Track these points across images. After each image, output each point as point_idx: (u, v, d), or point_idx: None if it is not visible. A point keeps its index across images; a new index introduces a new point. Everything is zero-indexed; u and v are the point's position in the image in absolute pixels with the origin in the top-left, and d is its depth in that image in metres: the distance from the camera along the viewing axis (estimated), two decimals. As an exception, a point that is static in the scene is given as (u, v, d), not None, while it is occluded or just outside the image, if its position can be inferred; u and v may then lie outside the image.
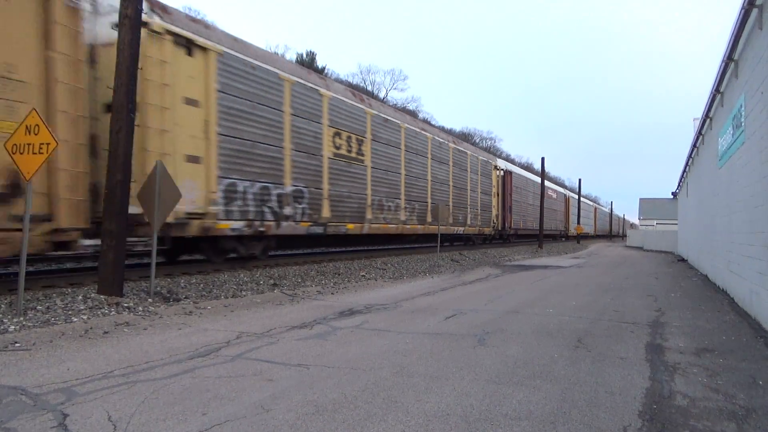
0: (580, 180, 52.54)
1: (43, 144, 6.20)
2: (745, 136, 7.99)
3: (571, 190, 65.06)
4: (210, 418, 3.30)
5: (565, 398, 3.76)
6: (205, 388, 3.88)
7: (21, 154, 6.25)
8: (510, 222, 32.33)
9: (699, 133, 15.05)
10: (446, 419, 3.33)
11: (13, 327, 5.57)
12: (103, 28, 9.38)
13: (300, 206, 13.59)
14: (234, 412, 3.40)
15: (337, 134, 15.28)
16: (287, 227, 13.04)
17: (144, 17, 9.10)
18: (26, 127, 6.27)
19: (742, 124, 8.22)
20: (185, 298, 8.01)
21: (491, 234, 29.67)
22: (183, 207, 10.09)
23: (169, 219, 9.74)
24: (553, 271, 15.15)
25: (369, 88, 74.24)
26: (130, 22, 7.47)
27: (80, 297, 7.15)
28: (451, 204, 23.48)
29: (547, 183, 39.25)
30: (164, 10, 10.27)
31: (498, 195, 30.58)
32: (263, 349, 5.13)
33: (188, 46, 10.55)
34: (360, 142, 16.47)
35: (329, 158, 14.84)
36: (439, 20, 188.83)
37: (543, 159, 37.70)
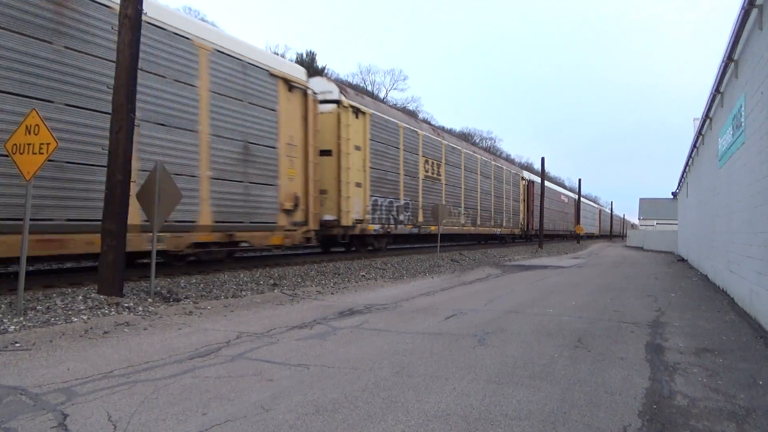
0: (579, 180, 52.62)
1: (43, 144, 6.19)
2: (745, 136, 7.99)
3: (571, 190, 65.97)
4: (210, 418, 3.30)
5: (564, 398, 3.76)
6: (205, 388, 3.88)
7: (21, 154, 6.24)
8: (532, 224, 38.62)
9: (699, 133, 15.05)
10: (446, 419, 3.33)
11: (13, 327, 5.57)
12: (315, 104, 14.55)
13: (407, 214, 19.77)
14: (234, 412, 3.41)
15: (426, 161, 21.59)
16: (400, 228, 19.25)
17: (339, 97, 15.74)
18: (26, 127, 6.25)
19: (742, 124, 8.22)
20: (185, 298, 8.01)
21: (519, 234, 36.04)
22: (353, 216, 16.10)
23: (346, 222, 15.69)
24: (553, 271, 15.15)
25: (369, 88, 74.23)
26: (130, 23, 7.47)
27: (80, 297, 7.14)
28: (492, 210, 29.90)
29: (559, 189, 48.23)
30: (346, 91, 16.64)
31: (524, 201, 37.17)
32: (263, 349, 5.13)
33: (356, 112, 16.55)
34: (438, 166, 22.70)
35: (422, 179, 21.18)
36: (438, 20, 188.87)
37: (543, 159, 37.74)
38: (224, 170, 11.27)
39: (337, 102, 15.67)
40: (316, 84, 15.09)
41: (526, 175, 39.53)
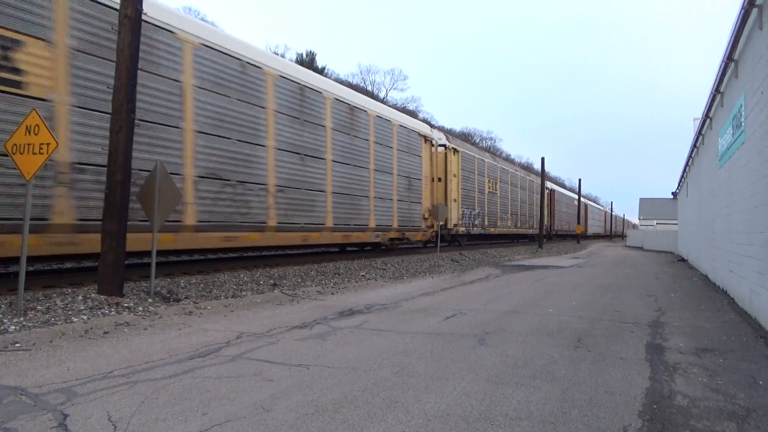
0: (580, 180, 52.66)
1: (43, 144, 6.19)
2: (745, 136, 7.99)
3: (571, 189, 66.60)
4: (210, 418, 3.30)
5: (565, 398, 3.76)
6: (205, 388, 3.88)
7: (21, 154, 6.24)
8: (553, 225, 46.18)
9: (699, 133, 15.05)
10: (446, 419, 3.33)
11: (13, 327, 5.57)
12: (433, 146, 21.72)
13: (479, 219, 27.37)
14: (234, 412, 3.41)
15: (488, 180, 29.29)
16: (475, 230, 26.81)
17: (446, 142, 23.14)
18: (26, 127, 6.25)
19: (742, 124, 8.22)
20: (185, 298, 8.01)
21: (544, 234, 43.09)
22: (453, 222, 23.45)
23: (449, 226, 23.10)
24: (553, 271, 15.15)
25: (369, 88, 74.24)
26: (130, 23, 7.47)
27: (80, 297, 7.14)
28: (527, 215, 38.08)
29: (570, 194, 57.29)
30: (450, 138, 24.68)
31: (547, 206, 43.72)
32: (263, 349, 5.13)
33: (455, 151, 23.98)
34: (494, 183, 30.46)
35: (486, 194, 28.84)
36: (439, 20, 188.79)
37: (543, 159, 37.79)
38: (401, 194, 18.91)
39: (445, 146, 23.42)
40: (434, 134, 22.71)
41: (548, 184, 46.78)
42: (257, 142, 12.10)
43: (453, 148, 23.81)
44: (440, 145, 23.09)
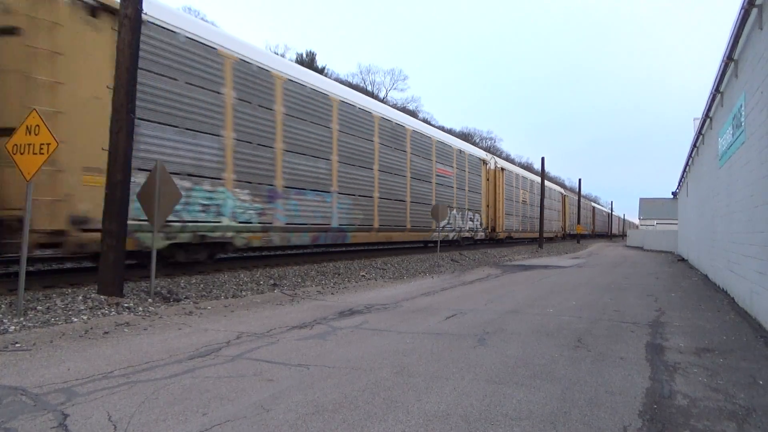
0: (580, 180, 52.64)
1: (43, 144, 6.19)
2: (745, 136, 7.99)
3: (571, 189, 67.33)
4: (210, 418, 3.30)
5: (565, 398, 3.76)
6: (206, 388, 3.88)
7: (21, 154, 6.24)
8: (567, 227, 53.83)
9: (699, 133, 15.05)
10: (446, 419, 3.33)
11: (13, 327, 5.57)
12: (488, 167, 28.94)
13: (516, 224, 33.43)
14: (234, 412, 3.41)
15: (521, 191, 35.17)
16: (515, 233, 33.35)
17: (496, 165, 30.49)
18: (26, 127, 6.25)
19: (742, 123, 8.22)
20: (185, 298, 8.01)
21: (561, 235, 50.33)
22: (501, 227, 30.52)
23: (498, 230, 29.87)
24: (553, 271, 15.15)
25: (369, 88, 74.18)
26: (130, 23, 7.47)
27: (80, 297, 7.14)
28: (550, 219, 44.45)
29: (591, 203, 63.32)
30: (496, 158, 31.85)
31: (562, 211, 51.48)
32: (263, 349, 5.13)
33: (502, 170, 30.91)
34: (525, 193, 36.25)
35: (521, 202, 34.77)
36: (439, 20, 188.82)
37: (543, 159, 37.75)
38: (471, 204, 25.92)
39: (495, 164, 30.51)
40: (487, 156, 29.48)
41: (564, 192, 54.94)
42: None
43: (501, 168, 31.33)
44: (487, 164, 29.96)
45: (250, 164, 11.85)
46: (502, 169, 31.33)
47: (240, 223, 11.49)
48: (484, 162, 28.32)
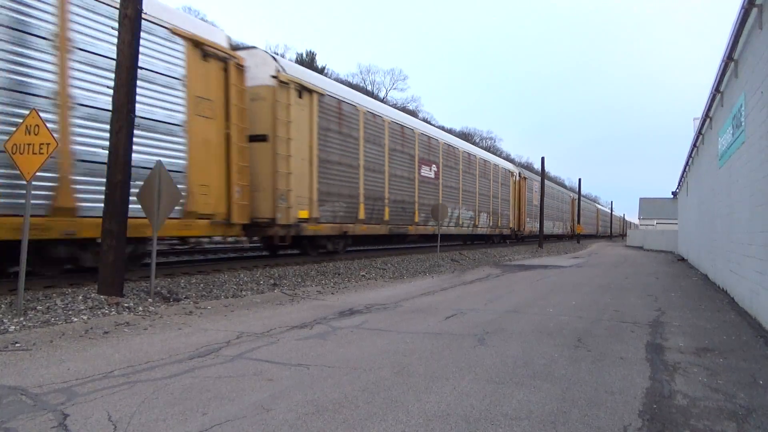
0: (579, 180, 52.69)
1: (43, 144, 6.19)
2: (745, 136, 7.98)
3: (571, 189, 67.13)
4: (210, 418, 3.30)
5: (565, 398, 3.76)
6: (206, 388, 3.88)
7: (21, 154, 6.24)
8: (573, 227, 56.97)
9: (699, 133, 15.05)
10: (446, 419, 3.33)
11: (13, 327, 5.57)
12: (514, 177, 35.59)
13: (536, 225, 37.57)
14: (234, 412, 3.41)
15: (552, 198, 42.62)
16: (533, 230, 38.13)
17: (520, 175, 36.43)
18: (26, 127, 6.25)
19: (742, 123, 8.22)
20: (185, 298, 8.02)
21: (569, 234, 54.61)
22: (524, 227, 36.33)
23: (522, 228, 36.04)
24: (553, 271, 15.15)
25: (369, 88, 74.16)
26: (130, 23, 7.46)
27: (80, 297, 7.14)
28: (563, 221, 50.09)
29: (597, 205, 67.10)
30: (521, 170, 38.06)
31: (571, 212, 55.99)
32: (263, 349, 5.13)
33: (525, 178, 37.02)
34: (553, 199, 42.16)
35: (535, 205, 38.23)
36: (438, 20, 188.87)
37: (543, 159, 37.81)
38: (501, 210, 31.33)
39: (519, 174, 35.69)
40: (513, 169, 35.16)
41: (573, 194, 58.73)
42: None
43: (524, 177, 36.76)
44: (515, 174, 35.12)
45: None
46: (525, 178, 37.17)
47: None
48: (512, 173, 34.38)
